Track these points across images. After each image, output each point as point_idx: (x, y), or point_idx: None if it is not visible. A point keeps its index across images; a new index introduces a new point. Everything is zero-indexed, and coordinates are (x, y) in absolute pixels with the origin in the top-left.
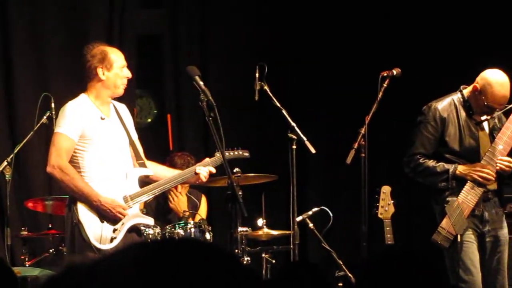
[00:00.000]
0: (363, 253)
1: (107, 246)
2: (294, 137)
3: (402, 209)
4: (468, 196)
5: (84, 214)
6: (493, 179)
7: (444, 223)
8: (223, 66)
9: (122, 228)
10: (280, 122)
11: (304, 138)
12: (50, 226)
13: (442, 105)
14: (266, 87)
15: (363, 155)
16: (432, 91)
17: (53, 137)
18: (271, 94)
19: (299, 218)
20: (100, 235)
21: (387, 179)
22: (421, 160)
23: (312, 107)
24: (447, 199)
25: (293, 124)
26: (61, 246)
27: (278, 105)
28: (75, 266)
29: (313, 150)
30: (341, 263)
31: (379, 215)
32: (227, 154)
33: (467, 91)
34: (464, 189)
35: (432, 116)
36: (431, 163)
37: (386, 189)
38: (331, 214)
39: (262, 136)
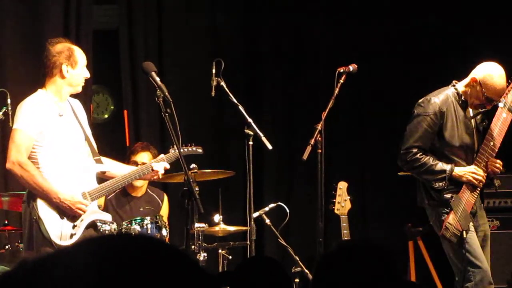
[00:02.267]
0: (320, 249)
1: (67, 243)
2: (251, 133)
3: (358, 206)
4: (469, 194)
5: (44, 210)
6: (484, 181)
7: (451, 219)
8: (179, 62)
9: (81, 224)
10: (237, 118)
11: (261, 134)
12: (6, 222)
13: (441, 98)
14: (222, 83)
15: (320, 151)
16: (390, 88)
17: (12, 133)
18: (227, 90)
19: (255, 214)
20: (60, 231)
21: (343, 175)
22: (418, 155)
23: (269, 103)
24: (446, 196)
25: (250, 120)
26: (17, 243)
27: (235, 101)
28: (29, 262)
29: (269, 146)
30: (298, 259)
31: (336, 211)
32: (181, 150)
33: (461, 85)
34: (464, 187)
35: (432, 109)
36: (428, 160)
37: (342, 185)
38: (287, 210)
39: (219, 132)
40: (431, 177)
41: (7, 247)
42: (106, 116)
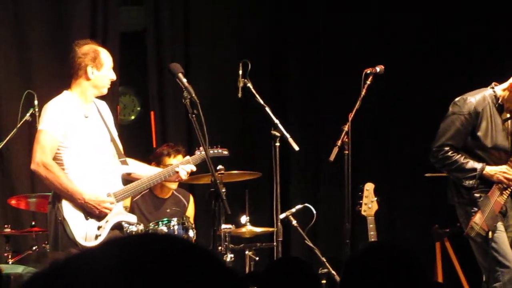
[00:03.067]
0: (346, 250)
1: (92, 244)
2: (278, 134)
3: (385, 207)
4: (498, 194)
5: (68, 211)
6: None
7: (477, 218)
8: (206, 63)
9: (107, 225)
10: (264, 119)
11: (288, 136)
12: (33, 223)
13: (477, 99)
14: (249, 84)
15: (347, 152)
16: (416, 89)
17: (37, 135)
18: (254, 91)
19: (282, 216)
20: (85, 232)
21: (370, 177)
22: (450, 153)
23: (295, 104)
24: (475, 195)
25: (277, 121)
26: (44, 244)
27: (262, 102)
28: (58, 263)
29: (296, 148)
30: (325, 260)
31: (363, 213)
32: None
33: (500, 88)
34: (494, 187)
35: (467, 109)
36: (460, 158)
37: (369, 187)
38: (314, 212)
39: (245, 133)
40: (462, 175)
41: (34, 248)
42: (132, 117)
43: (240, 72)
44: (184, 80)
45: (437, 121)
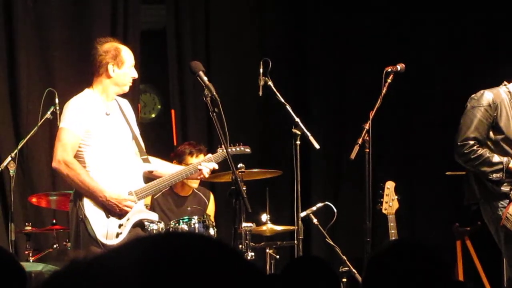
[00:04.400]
0: (367, 249)
1: (113, 242)
2: (298, 132)
3: (406, 205)
4: None
5: (90, 209)
6: None
7: None
8: (227, 61)
9: (128, 223)
10: (284, 118)
11: (308, 134)
12: (54, 221)
13: (493, 92)
14: (270, 82)
15: (367, 150)
16: (437, 87)
17: (58, 132)
18: (275, 90)
19: (303, 214)
20: (106, 230)
21: (391, 175)
22: (475, 147)
23: (316, 102)
24: (503, 189)
25: (297, 119)
26: (65, 242)
27: (282, 100)
28: (79, 262)
29: (317, 146)
30: (345, 258)
31: (383, 211)
32: (229, 150)
33: None
34: None
35: (486, 101)
36: (485, 152)
37: (390, 185)
38: (335, 210)
39: (266, 132)
40: (488, 169)
41: (55, 246)
42: (153, 115)
43: (261, 70)
44: (205, 78)
45: (458, 119)
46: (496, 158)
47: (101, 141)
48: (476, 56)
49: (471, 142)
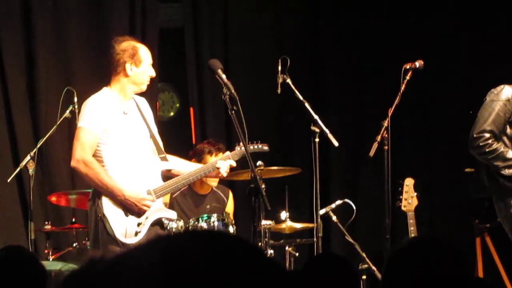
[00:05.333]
0: (387, 246)
1: (131, 240)
2: (317, 130)
3: (425, 202)
4: None
5: (108, 208)
6: None
7: None
8: (245, 59)
9: (146, 222)
10: (303, 115)
11: (327, 131)
12: (73, 220)
13: None
14: (288, 80)
15: (386, 147)
16: (456, 84)
17: (76, 132)
18: (293, 87)
19: (322, 211)
20: (125, 229)
21: (410, 172)
22: (490, 141)
23: (335, 100)
24: None
25: (316, 117)
26: (84, 240)
27: (301, 98)
28: (98, 261)
29: (336, 143)
30: (365, 255)
31: (403, 208)
32: (247, 147)
33: None
34: None
35: (505, 95)
36: (500, 146)
37: (409, 182)
38: (354, 207)
39: (285, 129)
40: (502, 164)
41: (74, 245)
42: (171, 114)
43: (280, 68)
44: (224, 76)
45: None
46: (510, 153)
47: (119, 139)
48: (496, 52)
49: (487, 135)
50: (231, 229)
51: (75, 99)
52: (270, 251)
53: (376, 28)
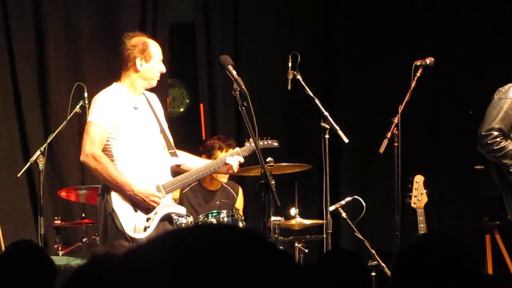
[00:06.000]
0: (396, 243)
1: (140, 235)
2: (327, 126)
3: (435, 199)
4: None
5: (117, 203)
6: None
7: None
8: (256, 55)
9: (155, 217)
10: (313, 112)
11: (337, 128)
12: (83, 215)
13: None
14: (299, 76)
15: (396, 144)
16: (466, 81)
17: (86, 126)
18: (304, 83)
19: (332, 208)
20: (134, 224)
21: (420, 169)
22: (499, 139)
23: (345, 96)
24: None
25: (326, 113)
26: (94, 236)
27: (311, 94)
28: (104, 256)
29: (346, 140)
30: (374, 252)
31: (412, 205)
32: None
33: None
34: None
35: None
36: (508, 144)
37: (419, 179)
38: (364, 204)
39: (295, 126)
40: (510, 162)
41: (84, 240)
42: (181, 109)
43: (290, 64)
44: (234, 72)
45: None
46: None
47: (129, 135)
48: (506, 51)
49: (495, 133)
50: (241, 225)
51: (85, 94)
52: (280, 247)
53: (386, 24)
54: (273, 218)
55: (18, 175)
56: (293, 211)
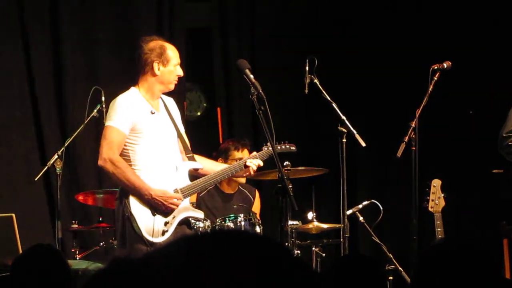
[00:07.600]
0: (414, 247)
1: (159, 239)
2: (344, 130)
3: (452, 203)
4: None
5: (136, 207)
6: None
7: None
8: (273, 59)
9: (173, 221)
10: (330, 116)
11: (354, 131)
12: (100, 219)
13: None
14: (316, 80)
15: (414, 148)
16: (483, 84)
17: (104, 131)
18: (321, 87)
19: (349, 212)
20: (152, 228)
21: (437, 173)
22: None
23: (363, 100)
24: None
25: (343, 117)
26: (111, 239)
27: (328, 98)
28: (124, 261)
29: (363, 144)
30: (392, 256)
31: (430, 209)
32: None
33: None
34: None
35: None
36: None
37: (436, 183)
38: (381, 208)
39: (312, 130)
40: None
41: (101, 244)
42: (199, 113)
43: (307, 68)
44: (251, 76)
45: (504, 117)
46: None
47: (147, 139)
48: None
49: None
50: (258, 229)
51: (103, 98)
52: (297, 252)
53: (404, 28)
54: (290, 222)
55: (36, 179)
56: (310, 215)
